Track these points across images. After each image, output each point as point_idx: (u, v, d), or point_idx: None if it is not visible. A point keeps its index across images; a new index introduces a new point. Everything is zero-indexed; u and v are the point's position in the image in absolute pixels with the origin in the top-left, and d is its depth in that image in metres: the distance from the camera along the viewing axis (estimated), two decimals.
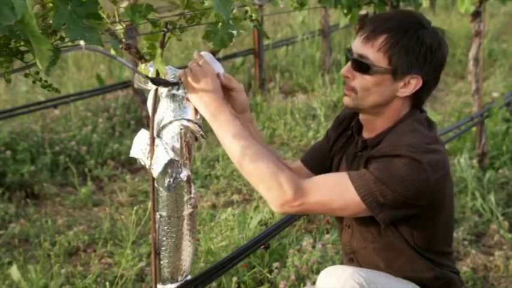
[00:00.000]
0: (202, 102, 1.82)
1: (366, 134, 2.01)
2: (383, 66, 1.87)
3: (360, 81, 1.89)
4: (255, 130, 2.11)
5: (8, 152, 4.56)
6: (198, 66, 1.83)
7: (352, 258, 2.05)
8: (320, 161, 2.18)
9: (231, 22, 1.73)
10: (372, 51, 1.87)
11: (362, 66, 1.88)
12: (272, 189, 1.77)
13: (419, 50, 1.86)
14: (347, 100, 1.94)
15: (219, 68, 1.90)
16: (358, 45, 1.90)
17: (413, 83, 1.89)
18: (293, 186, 1.77)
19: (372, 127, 1.98)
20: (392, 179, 1.77)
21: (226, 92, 1.95)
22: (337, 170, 2.08)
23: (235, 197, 4.13)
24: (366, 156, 1.90)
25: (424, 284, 1.98)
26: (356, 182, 1.79)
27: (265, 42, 7.11)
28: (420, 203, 1.82)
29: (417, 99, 1.95)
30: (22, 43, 1.24)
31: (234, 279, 2.93)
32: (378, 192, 1.77)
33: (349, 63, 1.92)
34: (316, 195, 1.79)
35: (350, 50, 1.93)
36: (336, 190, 1.81)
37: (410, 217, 1.87)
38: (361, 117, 2.01)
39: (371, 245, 1.96)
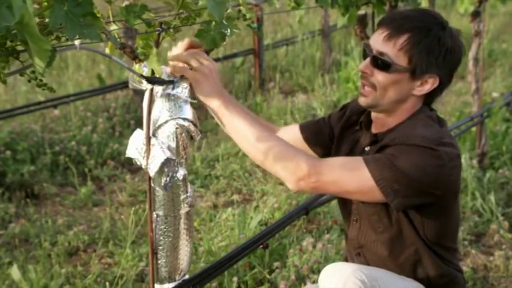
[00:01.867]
0: (213, 96, 1.83)
1: (375, 129, 2.02)
2: (403, 65, 1.89)
3: (379, 78, 1.90)
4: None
5: (8, 152, 4.56)
6: (203, 64, 1.82)
7: (359, 253, 2.05)
8: (317, 137, 2.21)
9: (224, 21, 1.73)
10: (393, 50, 1.88)
11: (382, 63, 1.89)
12: (288, 166, 1.80)
13: (439, 51, 1.89)
14: (364, 100, 1.95)
15: None
16: (378, 43, 1.90)
17: (430, 83, 1.92)
18: (308, 163, 1.80)
19: (383, 123, 1.99)
20: (408, 165, 1.78)
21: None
22: None
23: (235, 197, 4.13)
24: (376, 148, 1.91)
25: (429, 281, 1.98)
26: (370, 166, 1.80)
27: (265, 42, 7.10)
28: (436, 191, 1.83)
29: (430, 98, 1.99)
30: (18, 43, 1.24)
31: (235, 279, 2.93)
32: (393, 178, 1.79)
33: (368, 60, 1.92)
34: (331, 174, 1.81)
35: (368, 46, 1.93)
36: (350, 172, 1.82)
37: (423, 206, 1.89)
38: (373, 114, 2.02)
39: (381, 236, 1.96)
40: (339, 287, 1.79)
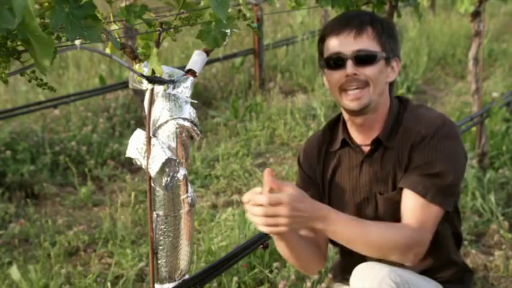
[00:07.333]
0: (312, 224, 1.75)
1: (367, 136, 1.97)
2: (381, 52, 1.91)
3: (368, 72, 1.89)
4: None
5: (8, 152, 4.56)
6: (287, 208, 1.72)
7: None
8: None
9: (224, 21, 1.73)
10: (368, 41, 1.90)
11: (367, 57, 1.89)
12: (396, 255, 1.81)
13: (395, 34, 1.98)
14: (357, 103, 1.89)
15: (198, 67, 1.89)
16: (350, 43, 1.89)
17: (396, 67, 1.97)
18: (407, 244, 1.81)
19: (371, 125, 1.96)
20: (452, 163, 1.87)
21: None
22: (337, 185, 2.04)
23: (235, 197, 4.13)
24: (386, 152, 1.93)
25: (449, 272, 2.02)
26: (429, 196, 1.85)
27: (265, 42, 7.10)
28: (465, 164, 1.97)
29: (392, 84, 2.00)
30: (19, 43, 1.24)
31: (235, 279, 2.93)
32: (448, 189, 1.87)
33: (349, 63, 1.88)
34: (426, 234, 1.85)
35: (338, 53, 1.89)
36: (426, 216, 1.86)
37: None
38: (361, 120, 1.95)
39: None
40: (374, 286, 1.77)
